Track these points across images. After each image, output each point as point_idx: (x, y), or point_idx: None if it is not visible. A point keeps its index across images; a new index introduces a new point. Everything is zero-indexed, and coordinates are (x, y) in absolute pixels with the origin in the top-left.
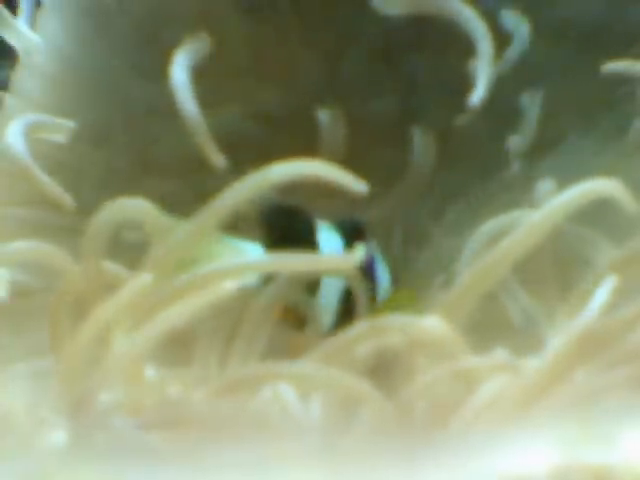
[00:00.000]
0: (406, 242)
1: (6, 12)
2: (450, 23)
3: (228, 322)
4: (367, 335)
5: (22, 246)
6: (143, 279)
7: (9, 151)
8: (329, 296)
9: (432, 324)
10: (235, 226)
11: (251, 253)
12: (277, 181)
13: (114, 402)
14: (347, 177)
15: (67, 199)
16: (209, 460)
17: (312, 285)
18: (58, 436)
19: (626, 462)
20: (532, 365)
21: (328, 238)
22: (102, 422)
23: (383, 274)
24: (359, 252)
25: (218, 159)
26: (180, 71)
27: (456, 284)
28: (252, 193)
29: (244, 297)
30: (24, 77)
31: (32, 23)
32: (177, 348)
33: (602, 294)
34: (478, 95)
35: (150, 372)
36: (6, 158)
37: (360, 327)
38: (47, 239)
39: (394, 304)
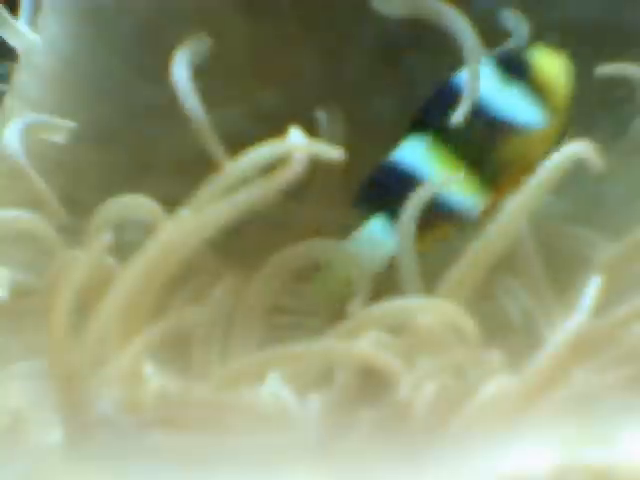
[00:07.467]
0: None
1: (6, 12)
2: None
3: (225, 315)
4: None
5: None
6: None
7: (5, 152)
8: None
9: (446, 306)
10: None
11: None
12: (258, 163)
13: (113, 400)
14: (322, 146)
15: (57, 205)
16: (209, 460)
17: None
18: (57, 436)
19: (626, 462)
20: (530, 365)
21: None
22: (101, 421)
23: None
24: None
25: (221, 156)
26: (181, 70)
27: (459, 263)
28: (237, 178)
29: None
30: (24, 77)
31: (32, 23)
32: (175, 345)
33: (590, 293)
34: (459, 115)
35: (149, 370)
36: (3, 159)
37: (373, 309)
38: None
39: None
